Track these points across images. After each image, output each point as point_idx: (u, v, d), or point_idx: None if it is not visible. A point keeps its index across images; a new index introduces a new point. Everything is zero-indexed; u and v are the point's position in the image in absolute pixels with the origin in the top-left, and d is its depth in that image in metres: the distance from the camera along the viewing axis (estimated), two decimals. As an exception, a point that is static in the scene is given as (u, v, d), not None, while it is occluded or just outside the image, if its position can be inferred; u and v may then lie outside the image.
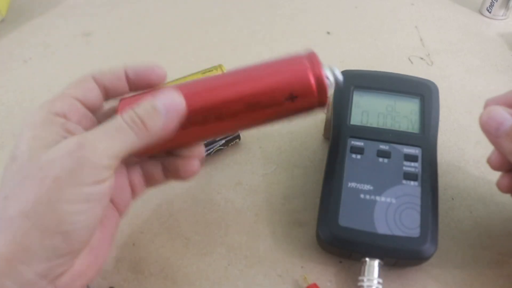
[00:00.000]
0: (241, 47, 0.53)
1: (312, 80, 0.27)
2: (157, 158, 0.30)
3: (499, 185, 0.30)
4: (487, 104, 0.28)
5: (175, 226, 0.35)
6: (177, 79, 0.45)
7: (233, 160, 0.40)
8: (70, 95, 0.26)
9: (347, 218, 0.30)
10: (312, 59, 0.28)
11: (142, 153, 0.28)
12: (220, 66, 0.46)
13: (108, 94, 0.28)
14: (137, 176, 0.30)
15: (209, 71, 0.46)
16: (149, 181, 0.30)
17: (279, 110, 0.27)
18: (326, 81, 0.27)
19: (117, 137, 0.24)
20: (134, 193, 0.30)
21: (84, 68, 0.50)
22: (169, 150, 0.29)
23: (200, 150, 0.29)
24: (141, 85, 0.28)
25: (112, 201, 0.28)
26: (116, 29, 0.56)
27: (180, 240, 0.34)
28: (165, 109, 0.25)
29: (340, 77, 0.28)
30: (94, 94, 0.27)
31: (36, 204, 0.22)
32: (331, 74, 0.28)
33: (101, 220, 0.26)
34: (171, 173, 0.29)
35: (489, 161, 0.30)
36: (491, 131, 0.27)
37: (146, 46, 0.53)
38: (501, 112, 0.26)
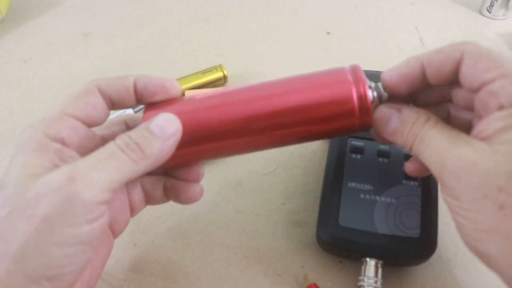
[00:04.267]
0: (241, 47, 0.53)
1: (355, 100, 0.24)
2: (159, 178, 0.29)
3: (407, 169, 0.28)
4: (383, 79, 0.26)
5: (175, 226, 0.35)
6: (177, 79, 0.45)
7: (233, 160, 0.40)
8: (70, 115, 0.24)
9: (347, 218, 0.30)
10: (356, 74, 0.25)
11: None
12: (220, 66, 0.47)
13: (113, 105, 0.26)
14: (137, 195, 0.28)
15: (209, 71, 0.46)
16: (150, 200, 0.29)
17: (308, 130, 0.25)
18: (370, 101, 0.24)
19: (111, 165, 0.21)
20: (133, 212, 0.29)
21: (84, 68, 0.50)
22: (171, 167, 0.28)
23: (197, 172, 0.28)
24: (148, 99, 0.26)
25: (109, 225, 0.27)
26: (116, 29, 0.56)
27: (180, 240, 0.34)
28: (160, 131, 0.23)
29: (385, 94, 0.25)
30: (98, 110, 0.25)
31: (23, 246, 0.20)
32: (375, 91, 0.25)
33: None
34: (172, 196, 0.29)
35: (408, 170, 0.28)
36: (382, 130, 0.25)
37: (146, 46, 0.53)
38: (385, 111, 0.25)
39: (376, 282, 0.29)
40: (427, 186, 0.32)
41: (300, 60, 0.50)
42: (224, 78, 0.46)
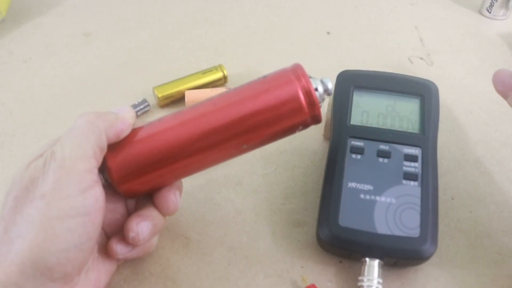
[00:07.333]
0: (241, 47, 0.53)
1: (302, 97, 0.26)
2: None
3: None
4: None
5: (175, 226, 0.35)
6: (177, 79, 0.45)
7: (233, 160, 0.40)
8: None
9: (347, 218, 0.30)
10: (298, 72, 0.26)
11: (132, 192, 0.28)
12: (220, 66, 0.47)
13: None
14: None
15: (209, 71, 0.46)
16: None
17: (266, 133, 0.26)
18: (316, 96, 0.26)
19: (80, 134, 0.24)
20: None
21: (84, 68, 0.50)
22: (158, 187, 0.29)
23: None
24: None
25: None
26: (116, 29, 0.56)
27: (180, 240, 0.34)
28: (118, 111, 0.27)
29: (331, 86, 0.27)
30: None
31: (30, 227, 0.22)
32: (321, 86, 0.26)
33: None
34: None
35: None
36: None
37: (146, 46, 0.53)
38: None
39: (376, 282, 0.29)
40: (427, 186, 0.32)
41: (300, 60, 0.50)
42: (224, 78, 0.46)
